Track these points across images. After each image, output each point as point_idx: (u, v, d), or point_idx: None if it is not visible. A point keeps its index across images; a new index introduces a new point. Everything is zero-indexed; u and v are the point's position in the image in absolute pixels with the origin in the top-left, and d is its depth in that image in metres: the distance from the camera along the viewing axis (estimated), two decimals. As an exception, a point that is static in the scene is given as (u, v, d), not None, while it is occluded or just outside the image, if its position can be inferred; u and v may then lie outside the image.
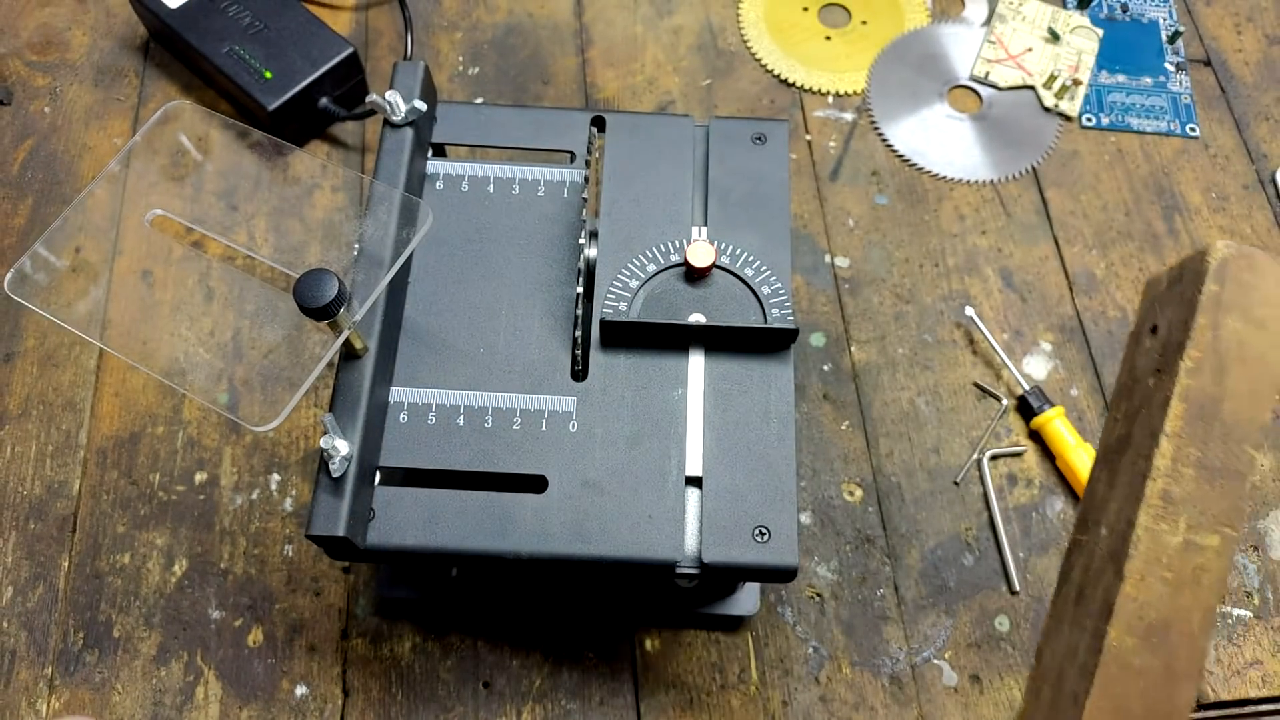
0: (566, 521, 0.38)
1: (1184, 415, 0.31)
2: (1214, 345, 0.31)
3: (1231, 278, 0.31)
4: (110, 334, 0.49)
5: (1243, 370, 0.31)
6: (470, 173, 0.46)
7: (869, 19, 0.68)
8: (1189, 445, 0.31)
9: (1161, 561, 0.30)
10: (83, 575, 0.49)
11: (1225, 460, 0.30)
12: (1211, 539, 0.30)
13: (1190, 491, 0.30)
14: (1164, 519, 0.30)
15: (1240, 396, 0.31)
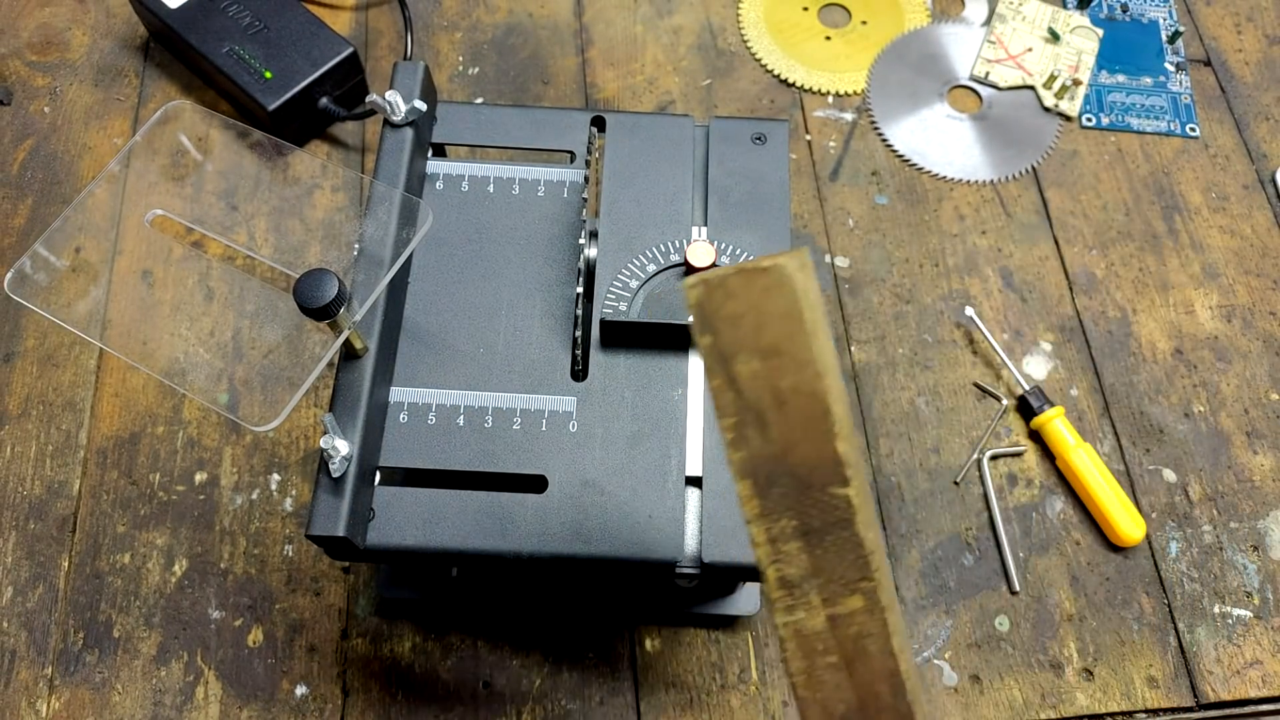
0: (566, 521, 0.38)
1: (753, 491, 0.27)
2: (740, 402, 0.26)
3: (717, 315, 0.26)
4: (110, 334, 0.49)
5: (784, 411, 0.26)
6: (470, 173, 0.46)
7: (869, 19, 0.68)
8: (777, 519, 0.26)
9: (818, 649, 0.27)
10: (83, 575, 0.49)
11: (822, 515, 0.26)
12: (854, 601, 0.27)
13: (805, 565, 0.27)
14: (796, 606, 0.27)
15: (798, 441, 0.26)
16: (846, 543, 0.26)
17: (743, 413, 0.26)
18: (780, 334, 0.26)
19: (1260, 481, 0.53)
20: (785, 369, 0.26)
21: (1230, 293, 0.58)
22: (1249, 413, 0.55)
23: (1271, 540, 0.51)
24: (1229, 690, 0.48)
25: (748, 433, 0.26)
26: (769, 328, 0.26)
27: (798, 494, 0.26)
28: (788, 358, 0.26)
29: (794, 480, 0.26)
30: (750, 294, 0.26)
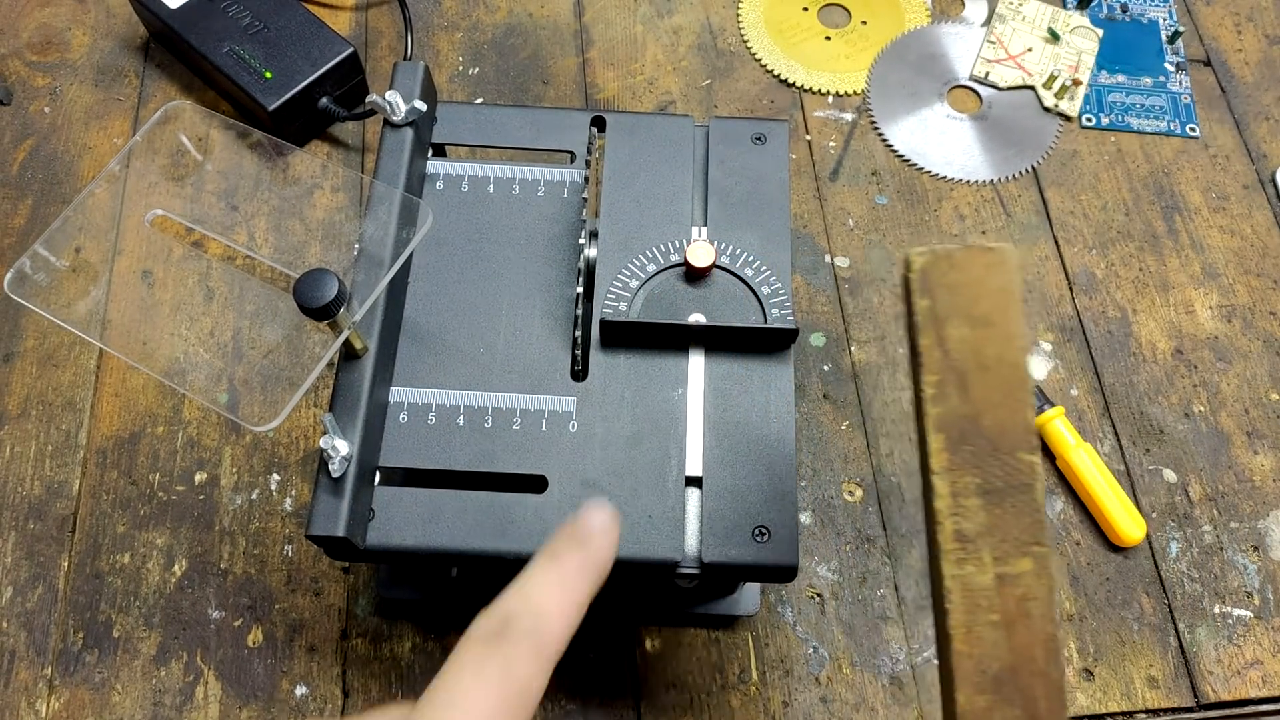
0: (567, 521, 0.38)
1: (945, 445, 0.28)
2: (946, 362, 0.28)
3: (937, 284, 0.29)
4: (110, 334, 0.49)
5: (986, 376, 0.28)
6: (470, 173, 0.46)
7: (869, 19, 0.68)
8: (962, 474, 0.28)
9: (982, 605, 0.28)
10: (82, 575, 0.49)
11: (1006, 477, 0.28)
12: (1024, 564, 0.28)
13: (983, 522, 0.28)
14: (967, 560, 0.28)
15: (994, 405, 0.28)
16: (1025, 506, 0.28)
17: (946, 372, 0.28)
18: (994, 307, 0.28)
19: (1260, 481, 0.53)
20: (993, 338, 0.28)
21: (1230, 293, 0.58)
22: (1249, 413, 0.55)
23: (1272, 540, 0.51)
24: (1229, 690, 0.48)
25: (948, 390, 0.28)
26: (984, 300, 0.28)
27: (987, 454, 0.28)
28: (998, 329, 0.28)
29: (985, 441, 0.28)
30: (973, 268, 0.29)
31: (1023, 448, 0.28)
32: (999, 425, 0.28)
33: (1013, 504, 0.28)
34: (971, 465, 0.28)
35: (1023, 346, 0.28)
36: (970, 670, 0.27)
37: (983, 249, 0.29)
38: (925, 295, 0.29)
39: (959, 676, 0.27)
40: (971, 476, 0.28)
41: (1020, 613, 0.28)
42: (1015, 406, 0.28)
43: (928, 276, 0.29)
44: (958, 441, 0.28)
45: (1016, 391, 0.28)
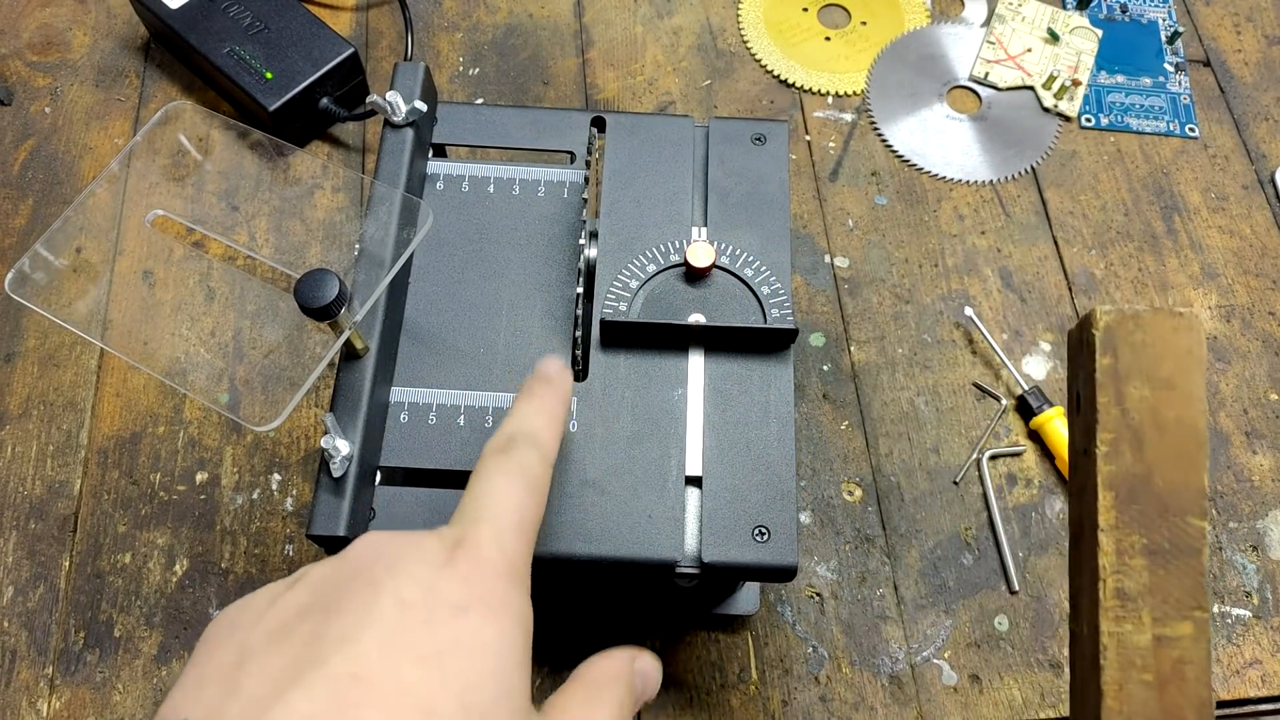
0: (566, 521, 0.38)
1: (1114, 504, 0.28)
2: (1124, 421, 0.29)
3: (1122, 342, 0.29)
4: (111, 334, 0.49)
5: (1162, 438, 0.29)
6: (471, 173, 0.46)
7: (869, 19, 0.68)
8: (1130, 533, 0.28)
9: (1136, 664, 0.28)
10: (83, 575, 0.49)
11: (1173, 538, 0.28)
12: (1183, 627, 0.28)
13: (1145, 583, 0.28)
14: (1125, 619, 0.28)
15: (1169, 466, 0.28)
16: (1190, 569, 0.28)
17: (1122, 430, 0.29)
18: (1178, 369, 0.29)
19: (1259, 481, 0.53)
20: (1174, 401, 0.29)
21: (1229, 293, 0.58)
22: (1248, 413, 0.55)
23: (1271, 540, 0.51)
24: (1228, 690, 0.48)
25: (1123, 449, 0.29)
26: (1168, 362, 0.29)
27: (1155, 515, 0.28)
28: (1179, 392, 0.29)
29: (1155, 502, 0.28)
30: (1159, 329, 0.29)
31: (1194, 512, 0.28)
32: (1171, 487, 0.28)
33: (1177, 566, 0.28)
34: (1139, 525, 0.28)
35: (1202, 410, 0.29)
36: None
37: (1171, 312, 0.29)
38: (1108, 353, 0.29)
39: None
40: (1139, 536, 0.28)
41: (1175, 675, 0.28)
42: (1190, 470, 0.28)
43: (1112, 334, 0.29)
44: (1127, 500, 0.28)
45: (1193, 455, 0.29)
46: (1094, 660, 0.28)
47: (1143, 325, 0.29)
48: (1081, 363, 0.31)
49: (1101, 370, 0.29)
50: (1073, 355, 0.32)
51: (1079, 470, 0.31)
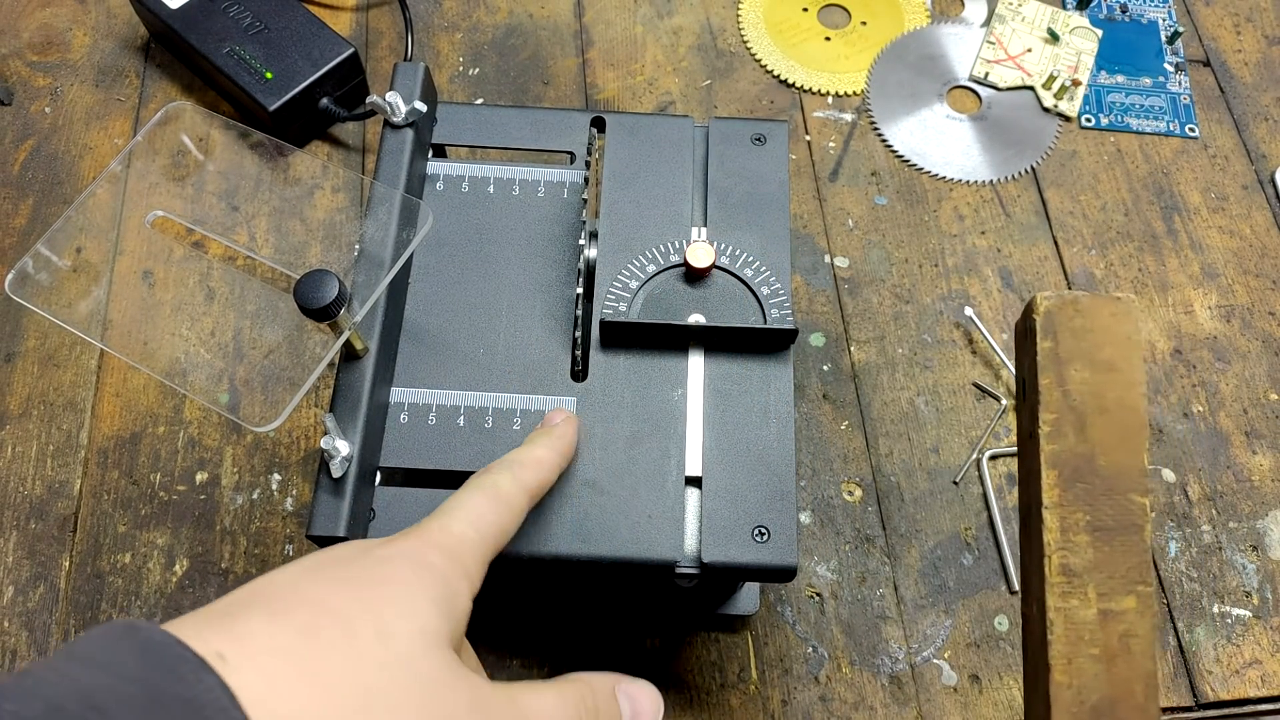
0: (566, 521, 0.38)
1: (1058, 482, 0.29)
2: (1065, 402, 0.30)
3: (1063, 327, 0.30)
4: (111, 334, 0.49)
5: (1104, 419, 0.30)
6: (470, 174, 0.46)
7: (869, 19, 0.68)
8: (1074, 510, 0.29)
9: (1084, 639, 0.29)
10: (83, 575, 0.49)
11: (1116, 516, 0.29)
12: (1128, 601, 0.29)
13: (1090, 559, 0.29)
14: (1071, 594, 0.29)
15: (1111, 447, 0.29)
16: (1133, 546, 0.29)
17: (1064, 412, 0.30)
18: (1118, 354, 0.30)
19: (1259, 481, 0.53)
20: (1115, 383, 0.30)
21: (1229, 293, 0.58)
22: (1248, 413, 0.55)
23: (1270, 540, 0.51)
24: (1228, 690, 0.48)
25: (1065, 429, 0.29)
26: (1108, 347, 0.30)
27: (1099, 493, 0.29)
28: (1120, 374, 0.30)
29: (1098, 481, 0.29)
30: (1098, 315, 0.30)
31: (1136, 490, 0.29)
32: (1114, 466, 0.29)
33: (1121, 543, 0.29)
34: (1083, 503, 0.29)
35: (1142, 393, 0.30)
36: (1069, 701, 0.28)
37: (1109, 298, 0.30)
38: (1049, 337, 0.30)
39: (1057, 706, 0.28)
40: (1082, 513, 0.29)
41: (1122, 648, 0.28)
42: (1131, 450, 0.29)
43: (1053, 319, 0.30)
44: (1070, 479, 0.29)
45: (1134, 436, 0.29)
46: (1042, 638, 0.29)
47: (1082, 311, 0.30)
48: (1026, 348, 0.31)
49: (1043, 353, 0.30)
50: (1019, 343, 0.33)
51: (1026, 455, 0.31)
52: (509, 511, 0.31)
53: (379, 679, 0.24)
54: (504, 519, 0.31)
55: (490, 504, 0.31)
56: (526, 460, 0.34)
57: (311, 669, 0.24)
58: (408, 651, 0.25)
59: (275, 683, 0.23)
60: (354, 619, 0.25)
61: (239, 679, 0.22)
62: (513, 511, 0.31)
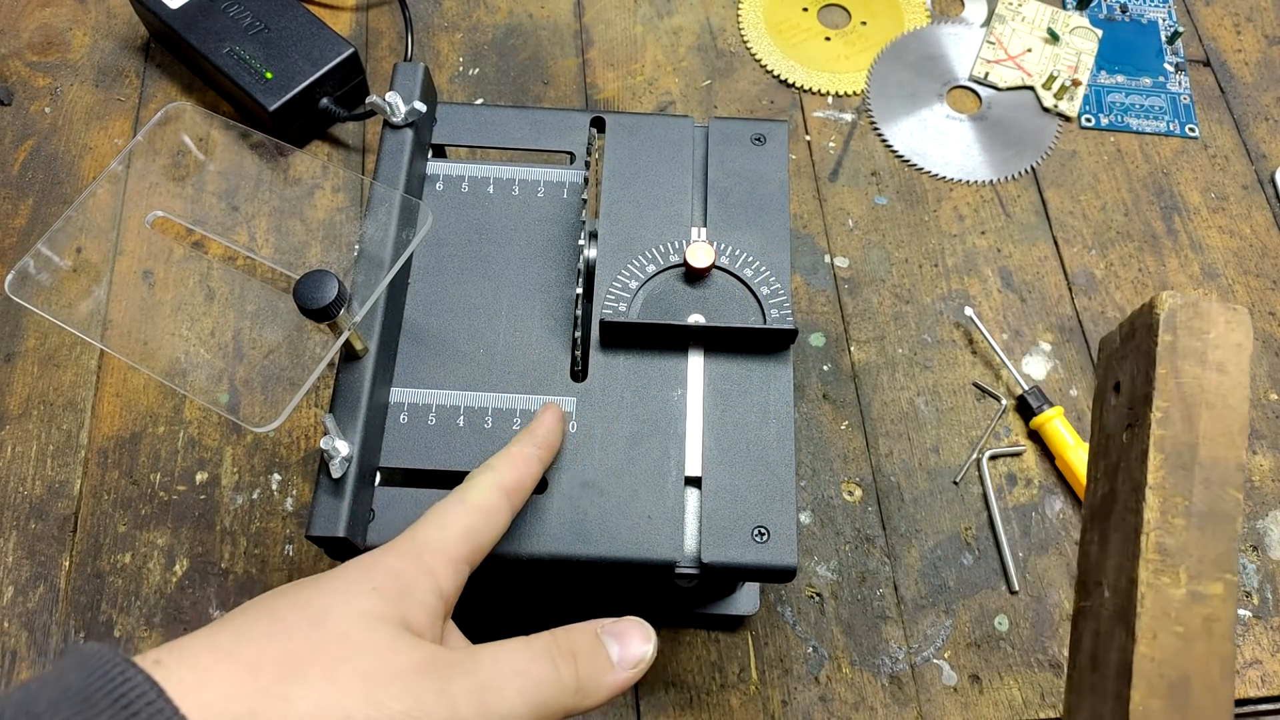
0: (566, 521, 0.38)
1: (1163, 465, 0.31)
2: (1179, 393, 0.32)
3: (1182, 325, 0.32)
4: (111, 334, 0.49)
5: (1211, 414, 0.31)
6: (470, 174, 0.46)
7: (869, 19, 0.68)
8: (1174, 494, 0.31)
9: (1170, 616, 0.30)
10: (83, 575, 0.49)
11: (1211, 504, 0.31)
12: (1215, 587, 0.30)
13: (1184, 541, 0.30)
14: (1164, 572, 0.30)
15: (1214, 440, 0.31)
16: (1225, 535, 0.31)
17: (1175, 401, 0.32)
18: (1228, 357, 0.32)
19: (1260, 481, 0.53)
20: (1223, 384, 0.32)
21: (1229, 293, 0.58)
22: (1248, 413, 0.55)
23: (1271, 540, 0.51)
24: (1228, 690, 0.48)
25: (1174, 417, 0.32)
26: (1220, 350, 0.32)
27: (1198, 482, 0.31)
28: (1228, 376, 0.32)
29: (1199, 470, 0.31)
30: (1215, 321, 0.32)
31: (1233, 484, 0.31)
32: (1214, 459, 0.31)
33: (1214, 530, 0.31)
34: (1184, 488, 0.31)
35: (1246, 396, 0.32)
36: (1150, 673, 0.29)
37: (1227, 307, 0.33)
38: (1170, 331, 0.32)
39: (1138, 676, 0.29)
40: (1181, 498, 0.31)
41: (1204, 630, 0.30)
42: (1231, 446, 0.31)
43: (1175, 317, 0.32)
44: (1175, 464, 0.31)
45: (1235, 433, 0.31)
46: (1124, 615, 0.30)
47: (1201, 315, 0.32)
48: (1135, 344, 0.33)
49: (1163, 345, 0.32)
50: (1115, 343, 0.34)
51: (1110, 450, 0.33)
52: (479, 511, 0.32)
53: (309, 652, 0.26)
54: (472, 519, 0.32)
55: (456, 508, 0.32)
56: (501, 459, 0.35)
57: (242, 657, 0.25)
58: (342, 629, 0.27)
59: (206, 674, 0.25)
60: (287, 612, 0.27)
61: (170, 675, 0.24)
62: (483, 510, 0.32)
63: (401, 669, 0.27)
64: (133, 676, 0.23)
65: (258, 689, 0.25)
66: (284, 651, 0.26)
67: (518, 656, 0.29)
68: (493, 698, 0.28)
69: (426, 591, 0.29)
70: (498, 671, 0.28)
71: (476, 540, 0.32)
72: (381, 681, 0.26)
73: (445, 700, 0.27)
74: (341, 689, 0.25)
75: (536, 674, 0.29)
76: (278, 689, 0.25)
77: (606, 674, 0.30)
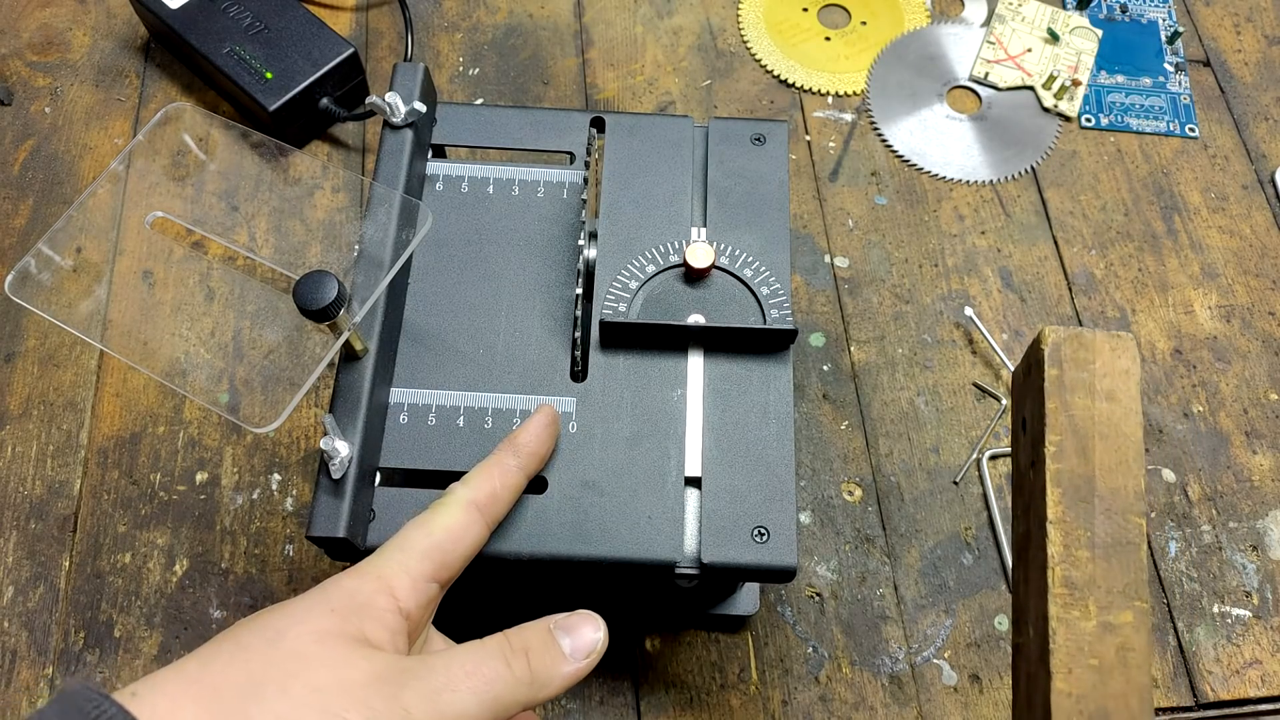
0: (566, 522, 0.38)
1: (1062, 499, 0.31)
2: (1070, 425, 0.32)
3: (1068, 358, 0.32)
4: (110, 335, 0.49)
5: (1105, 444, 0.32)
6: (470, 174, 0.46)
7: (869, 19, 0.68)
8: (1076, 527, 0.31)
9: (1083, 650, 0.30)
10: (83, 575, 0.49)
11: (1115, 534, 0.31)
12: (1125, 616, 0.30)
13: (1091, 573, 0.31)
14: (1073, 606, 0.30)
15: (1110, 469, 0.31)
16: (1131, 564, 0.31)
17: (1068, 434, 0.32)
18: (1117, 385, 0.32)
19: (1259, 481, 0.53)
20: (1114, 412, 0.32)
21: (1229, 293, 0.58)
22: (1248, 413, 0.55)
23: (1270, 540, 0.51)
24: (1228, 690, 0.48)
25: (1068, 450, 0.32)
26: (1108, 378, 0.32)
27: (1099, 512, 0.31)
28: (1119, 404, 0.32)
29: (1099, 501, 0.31)
30: (1100, 349, 0.33)
31: (1133, 511, 0.31)
32: (1113, 488, 0.31)
33: (1119, 559, 0.31)
34: (1085, 520, 0.31)
35: (1139, 421, 0.32)
36: (1068, 709, 0.29)
37: (1110, 335, 0.33)
38: (1054, 365, 0.32)
39: (1057, 713, 0.29)
40: (1083, 530, 0.31)
41: (1119, 661, 0.30)
42: (1129, 473, 0.31)
43: (1059, 350, 0.32)
44: (1074, 498, 0.31)
45: (1131, 460, 0.32)
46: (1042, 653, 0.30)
47: (1085, 345, 0.33)
48: (1030, 381, 0.33)
49: (1050, 380, 0.32)
50: (1019, 380, 0.35)
51: (1023, 488, 0.34)
52: (443, 531, 0.33)
53: (266, 671, 0.28)
54: (435, 539, 0.33)
55: (419, 530, 0.33)
56: (476, 473, 0.36)
57: (207, 682, 0.28)
58: (297, 647, 0.29)
59: (176, 701, 0.27)
60: (248, 638, 0.29)
61: (144, 704, 0.26)
62: (448, 530, 0.33)
63: (354, 680, 0.28)
64: (107, 709, 0.26)
65: (221, 710, 0.27)
66: (244, 674, 0.28)
67: (469, 657, 0.30)
68: (446, 699, 0.29)
69: (385, 610, 0.31)
70: (449, 674, 0.30)
71: (440, 558, 0.33)
72: (335, 693, 0.28)
73: (397, 705, 0.28)
74: (297, 701, 0.27)
75: (488, 672, 0.30)
76: (237, 708, 0.27)
77: (560, 665, 0.32)
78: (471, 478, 0.35)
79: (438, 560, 0.33)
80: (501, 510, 0.36)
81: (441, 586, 0.34)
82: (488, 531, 0.35)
